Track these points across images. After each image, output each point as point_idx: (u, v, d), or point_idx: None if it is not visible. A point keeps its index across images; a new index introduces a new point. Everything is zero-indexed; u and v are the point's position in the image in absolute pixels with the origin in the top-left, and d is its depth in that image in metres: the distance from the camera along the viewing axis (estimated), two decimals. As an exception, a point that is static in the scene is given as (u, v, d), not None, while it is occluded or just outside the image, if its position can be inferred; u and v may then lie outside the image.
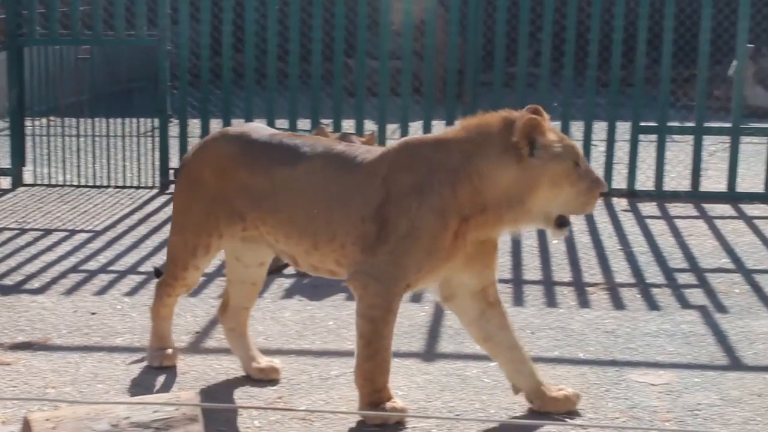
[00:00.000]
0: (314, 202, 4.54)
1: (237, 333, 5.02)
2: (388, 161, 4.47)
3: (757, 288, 6.39)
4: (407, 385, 4.92)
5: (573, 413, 4.62)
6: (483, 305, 4.59)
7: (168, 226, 7.58)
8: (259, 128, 4.90)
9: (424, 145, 4.53)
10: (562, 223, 4.40)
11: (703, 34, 8.50)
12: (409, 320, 5.77)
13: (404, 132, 8.66)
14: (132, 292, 6.26)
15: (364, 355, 4.45)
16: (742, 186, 8.73)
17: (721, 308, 6.04)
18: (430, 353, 5.34)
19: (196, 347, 5.39)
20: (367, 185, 4.46)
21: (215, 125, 8.92)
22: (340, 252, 4.50)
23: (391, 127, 9.30)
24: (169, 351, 5.10)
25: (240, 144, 4.73)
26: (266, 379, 4.94)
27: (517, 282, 6.48)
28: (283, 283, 6.41)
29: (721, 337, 5.56)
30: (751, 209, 8.27)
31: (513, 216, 4.38)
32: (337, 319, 5.78)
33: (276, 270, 6.61)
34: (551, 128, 4.48)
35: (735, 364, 5.22)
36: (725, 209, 8.30)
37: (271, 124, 8.72)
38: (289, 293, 6.21)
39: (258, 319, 5.75)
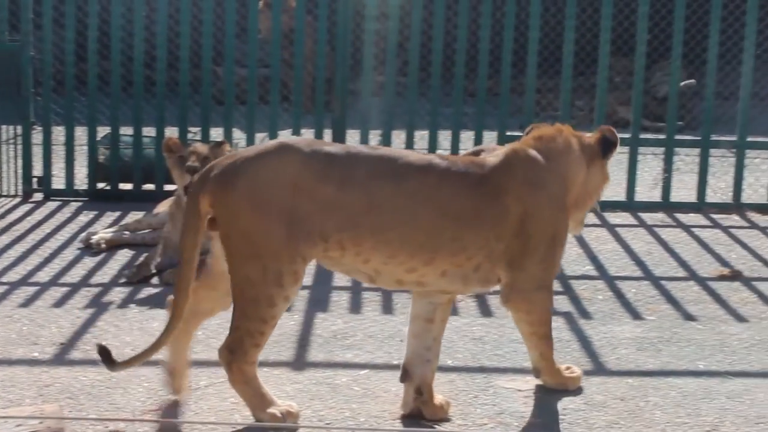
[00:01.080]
0: (439, 219, 4.50)
1: None
2: (512, 176, 4.65)
3: (619, 294, 6.54)
4: (277, 394, 4.89)
5: (443, 420, 4.67)
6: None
7: (32, 235, 7.47)
8: (322, 141, 4.67)
9: (536, 158, 4.76)
10: None
11: (566, 45, 8.68)
12: (278, 329, 5.72)
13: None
14: (-6, 303, 6.12)
15: (549, 357, 4.95)
16: (606, 195, 8.90)
17: (585, 314, 6.16)
18: (299, 362, 5.34)
19: (60, 359, 5.28)
20: (498, 201, 4.60)
21: (80, 133, 8.79)
22: (463, 265, 4.59)
23: (260, 136, 9.24)
24: (282, 409, 4.52)
25: (319, 158, 4.40)
26: None
27: (387, 290, 6.50)
28: (150, 292, 6.33)
29: (585, 343, 5.68)
30: (614, 217, 8.46)
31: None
32: (206, 329, 5.71)
33: (142, 279, 6.53)
34: None
35: (599, 368, 5.34)
36: (588, 217, 8.46)
37: (137, 132, 8.61)
38: (157, 303, 6.13)
39: (125, 330, 5.67)
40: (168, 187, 8.50)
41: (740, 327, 6.02)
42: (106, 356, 4.37)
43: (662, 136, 9.07)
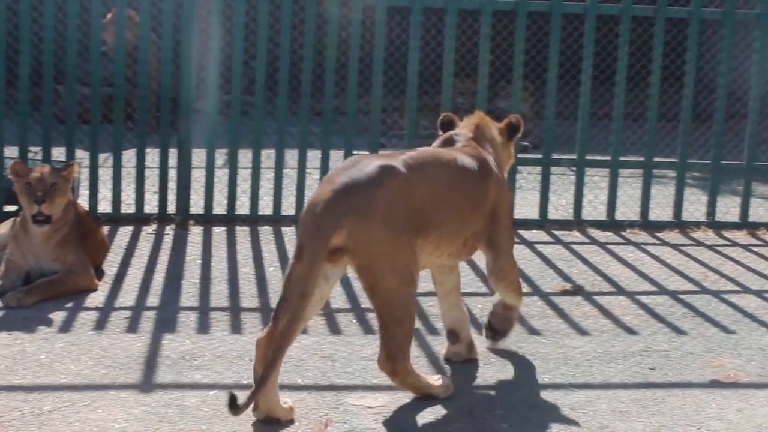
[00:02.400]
0: (464, 209, 5.24)
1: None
2: (488, 167, 5.41)
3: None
4: (124, 417, 4.83)
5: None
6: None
7: None
8: (393, 154, 5.18)
9: (487, 152, 5.55)
10: None
11: (411, 65, 8.79)
12: (125, 351, 5.66)
13: (117, 161, 8.48)
14: None
15: (517, 306, 5.81)
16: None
17: (433, 330, 6.24)
18: (147, 384, 5.26)
19: None
20: (485, 189, 5.37)
21: None
22: (460, 247, 5.34)
23: (103, 155, 9.10)
24: (444, 380, 5.24)
25: (410, 171, 4.98)
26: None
27: (235, 310, 6.47)
28: (-10, 316, 6.16)
29: (433, 359, 5.75)
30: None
31: None
32: (49, 353, 5.60)
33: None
34: None
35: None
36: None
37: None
38: (-3, 327, 5.98)
39: (-36, 355, 5.50)
40: (8, 208, 8.28)
41: (582, 340, 6.18)
42: (232, 403, 4.58)
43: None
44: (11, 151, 8.51)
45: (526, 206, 9.49)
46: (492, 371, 5.60)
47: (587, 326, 6.43)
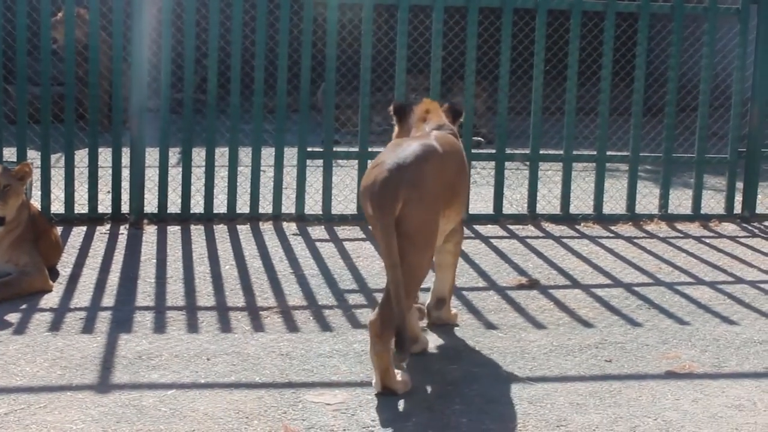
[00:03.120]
0: (465, 183, 5.93)
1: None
2: (460, 146, 5.94)
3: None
4: (82, 418, 4.80)
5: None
6: None
7: None
8: (421, 136, 5.73)
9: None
10: None
11: (363, 61, 8.78)
12: (81, 352, 5.62)
13: (70, 161, 8.42)
14: None
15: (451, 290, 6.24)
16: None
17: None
18: (104, 384, 5.22)
19: None
20: (463, 165, 5.87)
21: None
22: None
23: (56, 156, 9.03)
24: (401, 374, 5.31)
25: (443, 150, 5.54)
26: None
27: (191, 308, 6.44)
28: (-57, 319, 6.10)
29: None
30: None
31: None
32: (3, 355, 5.54)
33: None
34: None
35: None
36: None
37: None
38: (-49, 330, 5.91)
39: None
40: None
41: (539, 334, 6.21)
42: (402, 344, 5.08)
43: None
44: (-39, 152, 8.43)
45: (480, 201, 9.52)
46: (449, 366, 5.61)
47: (543, 320, 6.47)
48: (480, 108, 13.10)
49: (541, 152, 9.20)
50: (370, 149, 8.88)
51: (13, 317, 6.16)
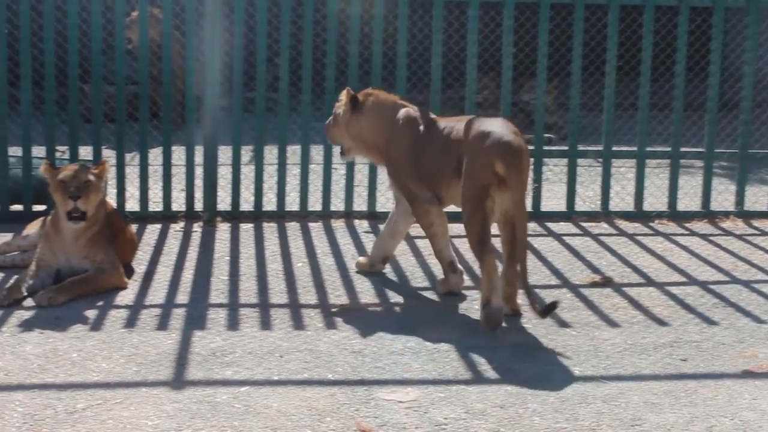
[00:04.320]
0: None
1: None
2: None
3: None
4: (157, 414, 4.84)
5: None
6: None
7: None
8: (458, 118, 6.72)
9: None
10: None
11: (434, 59, 8.77)
12: (156, 348, 5.68)
13: (144, 159, 8.52)
14: None
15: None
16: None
17: (462, 324, 6.22)
18: (178, 381, 5.27)
19: None
20: None
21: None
22: None
23: (130, 154, 9.13)
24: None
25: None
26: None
27: (264, 306, 6.48)
28: (22, 315, 6.18)
29: (463, 352, 5.73)
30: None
31: None
32: (81, 351, 5.62)
33: (13, 302, 6.37)
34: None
35: (478, 377, 5.40)
36: (460, 228, 8.54)
37: (2, 151, 8.40)
38: (29, 326, 5.99)
39: (-4, 355, 5.53)
40: (37, 208, 8.33)
41: (613, 332, 6.15)
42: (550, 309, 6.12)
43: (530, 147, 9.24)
44: (38, 151, 8.55)
45: (552, 198, 9.46)
46: (522, 364, 5.58)
47: (617, 318, 6.41)
48: (552, 105, 13.01)
49: (614, 149, 9.12)
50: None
51: (89, 314, 6.24)
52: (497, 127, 6.19)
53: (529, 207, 8.96)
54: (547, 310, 6.08)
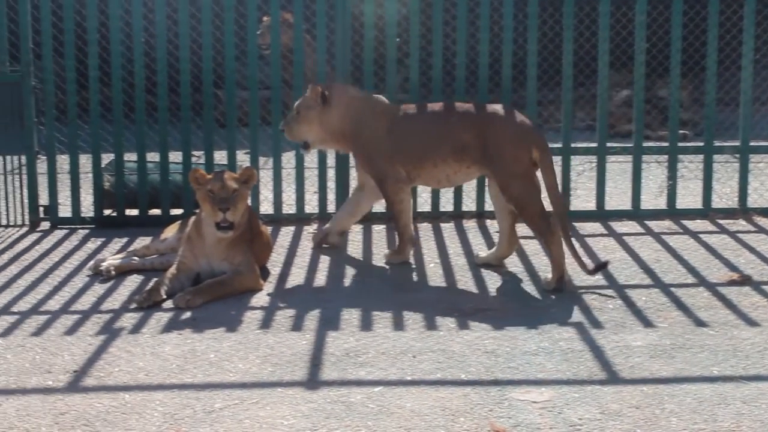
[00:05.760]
0: None
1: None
2: None
3: (629, 302, 6.53)
4: (292, 414, 4.91)
5: None
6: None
7: (40, 264, 7.48)
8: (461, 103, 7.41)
9: None
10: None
11: (566, 56, 8.70)
12: (291, 349, 5.75)
13: (277, 163, 8.64)
14: (5, 333, 6.11)
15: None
16: (611, 204, 8.94)
17: (597, 324, 6.16)
18: (313, 381, 5.33)
19: (74, 386, 5.28)
20: None
21: (84, 160, 8.80)
22: None
23: (263, 158, 9.27)
24: None
25: None
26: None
27: (396, 306, 6.50)
28: (161, 317, 6.33)
29: (597, 352, 5.67)
30: (620, 226, 8.47)
31: None
32: (218, 351, 5.73)
33: (153, 305, 6.52)
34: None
35: (613, 378, 5.33)
36: (595, 227, 8.48)
37: (141, 157, 8.62)
38: (168, 327, 6.13)
39: (137, 355, 5.67)
40: (174, 212, 8.52)
41: (752, 331, 6.01)
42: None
43: (665, 144, 9.11)
44: (175, 156, 8.74)
45: (688, 195, 9.29)
46: (658, 364, 5.50)
47: (757, 317, 6.26)
48: (686, 100, 12.77)
49: (751, 144, 8.92)
50: (572, 145, 8.79)
51: (226, 315, 6.35)
52: (518, 115, 7.10)
53: (663, 205, 8.86)
54: (597, 269, 6.87)
